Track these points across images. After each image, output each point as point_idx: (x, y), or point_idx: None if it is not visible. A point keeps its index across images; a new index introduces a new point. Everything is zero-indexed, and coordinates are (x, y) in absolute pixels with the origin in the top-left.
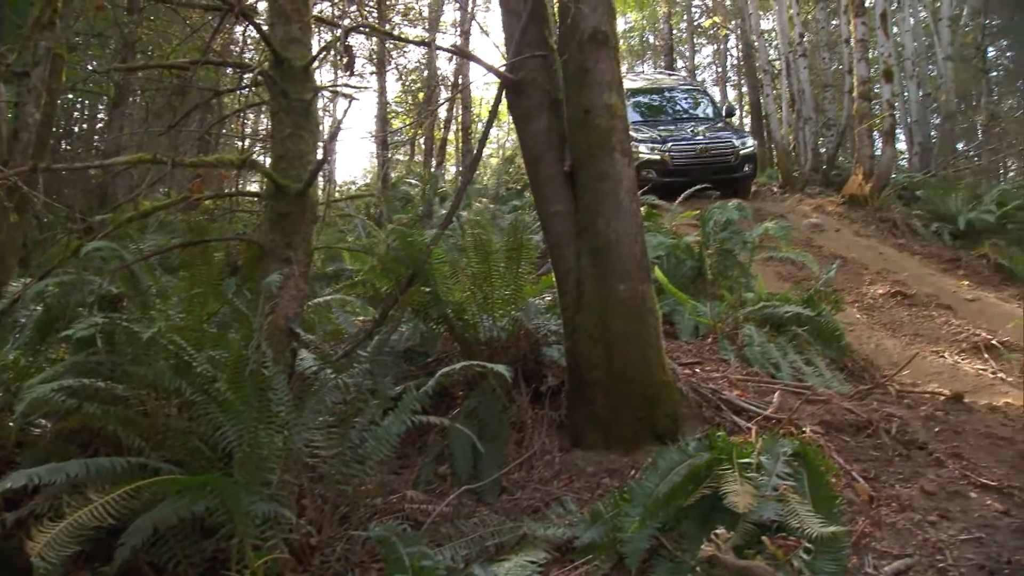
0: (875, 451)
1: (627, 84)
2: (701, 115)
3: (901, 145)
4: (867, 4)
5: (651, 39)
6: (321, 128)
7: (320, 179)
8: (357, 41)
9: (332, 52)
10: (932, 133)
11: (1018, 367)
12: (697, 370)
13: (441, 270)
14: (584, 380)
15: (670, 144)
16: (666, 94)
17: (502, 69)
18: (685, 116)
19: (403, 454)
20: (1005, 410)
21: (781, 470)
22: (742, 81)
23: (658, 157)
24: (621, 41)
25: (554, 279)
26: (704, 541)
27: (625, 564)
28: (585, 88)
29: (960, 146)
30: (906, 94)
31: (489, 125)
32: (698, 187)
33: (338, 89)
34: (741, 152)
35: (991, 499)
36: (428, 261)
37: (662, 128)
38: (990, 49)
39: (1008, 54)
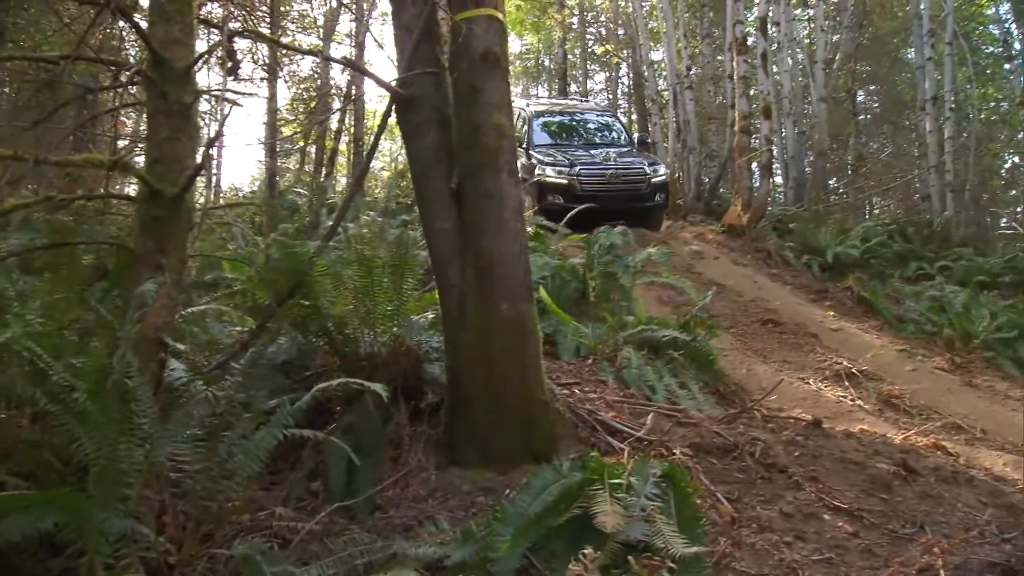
0: (740, 473)
1: (536, 106)
2: (612, 141)
3: (778, 179)
4: (750, 43)
5: (546, 62)
6: (205, 132)
7: (200, 185)
8: (247, 46)
9: (216, 55)
10: (806, 169)
11: (874, 395)
12: (576, 391)
13: (323, 283)
14: (464, 398)
15: (579, 168)
16: (577, 117)
17: (393, 84)
18: (596, 141)
19: (275, 470)
20: (860, 436)
21: (650, 491)
22: (632, 109)
23: (565, 182)
24: (518, 63)
25: (438, 296)
26: (572, 561)
27: None
28: (475, 107)
29: (831, 183)
30: (783, 131)
31: (377, 138)
32: (607, 220)
33: (221, 94)
34: (653, 180)
35: (843, 521)
36: (310, 273)
37: (571, 152)
38: (860, 93)
39: (875, 100)
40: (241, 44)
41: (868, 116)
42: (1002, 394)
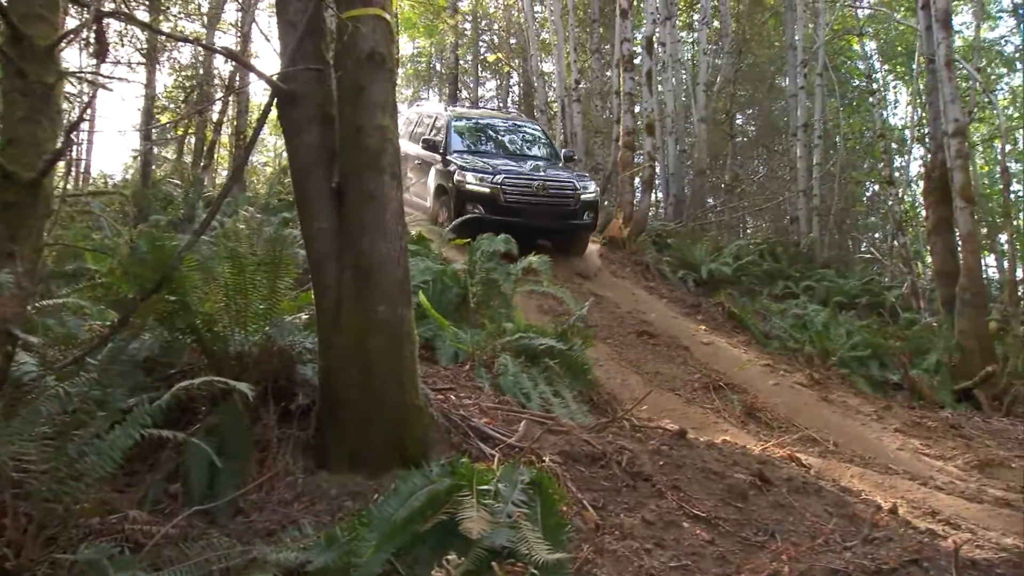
0: (606, 481)
1: (456, 111)
2: (537, 153)
3: (659, 195)
4: (636, 61)
5: (438, 66)
6: (74, 116)
7: (62, 170)
8: (121, 28)
9: (84, 36)
10: (685, 187)
11: (739, 407)
12: (451, 396)
13: (192, 278)
14: (336, 401)
15: (502, 177)
16: (500, 127)
17: (275, 78)
18: (521, 153)
19: (132, 471)
20: (721, 447)
21: (517, 497)
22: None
23: (487, 190)
24: (409, 65)
25: (314, 296)
26: (436, 567)
27: None
28: (359, 107)
29: (709, 201)
30: (666, 148)
31: (257, 132)
32: (530, 237)
33: (93, 77)
34: (582, 197)
35: (700, 529)
36: (178, 267)
37: (493, 161)
38: (738, 116)
39: (752, 123)
40: (117, 26)
41: (745, 139)
42: (854, 409)
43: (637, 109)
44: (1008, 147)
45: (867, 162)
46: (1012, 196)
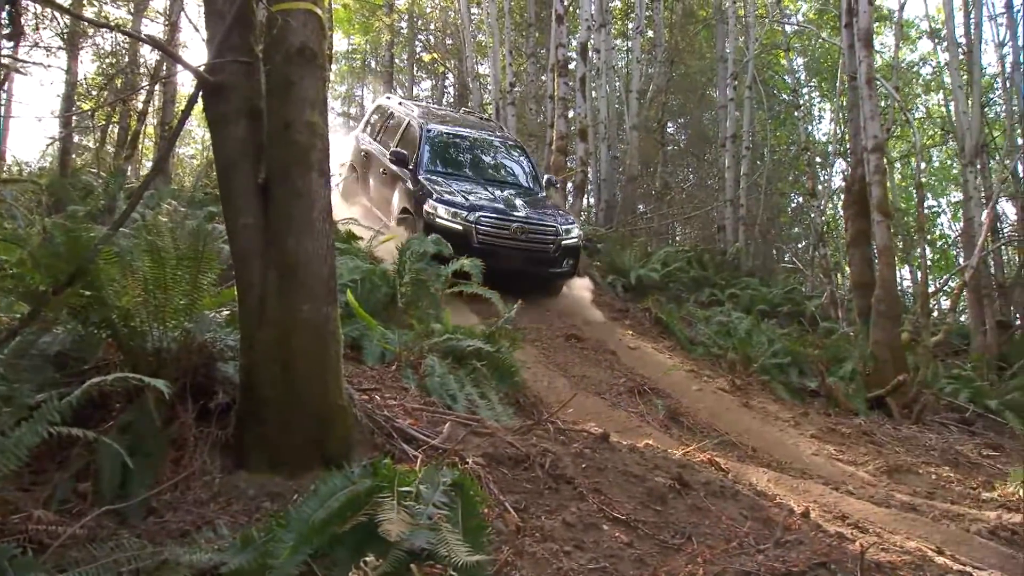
0: (528, 484)
1: (432, 119)
2: (518, 180)
3: (591, 200)
4: (571, 67)
5: (373, 64)
6: None
7: None
8: (42, 12)
9: None
10: (617, 193)
11: (663, 412)
12: (376, 397)
13: (109, 271)
14: (257, 399)
15: (478, 215)
16: (478, 141)
17: (201, 69)
18: (498, 177)
19: (40, 469)
20: (643, 450)
21: (438, 499)
22: None
23: (460, 228)
24: (344, 62)
25: (236, 293)
26: (354, 568)
27: None
28: (288, 102)
29: (639, 207)
30: (598, 154)
31: (181, 123)
32: (501, 278)
33: (1, 59)
34: (563, 243)
35: (620, 531)
36: (94, 260)
37: (468, 188)
38: (669, 125)
39: (683, 133)
40: (36, 9)
41: (675, 147)
42: (773, 415)
43: (571, 114)
44: (923, 164)
45: (792, 174)
46: (926, 211)
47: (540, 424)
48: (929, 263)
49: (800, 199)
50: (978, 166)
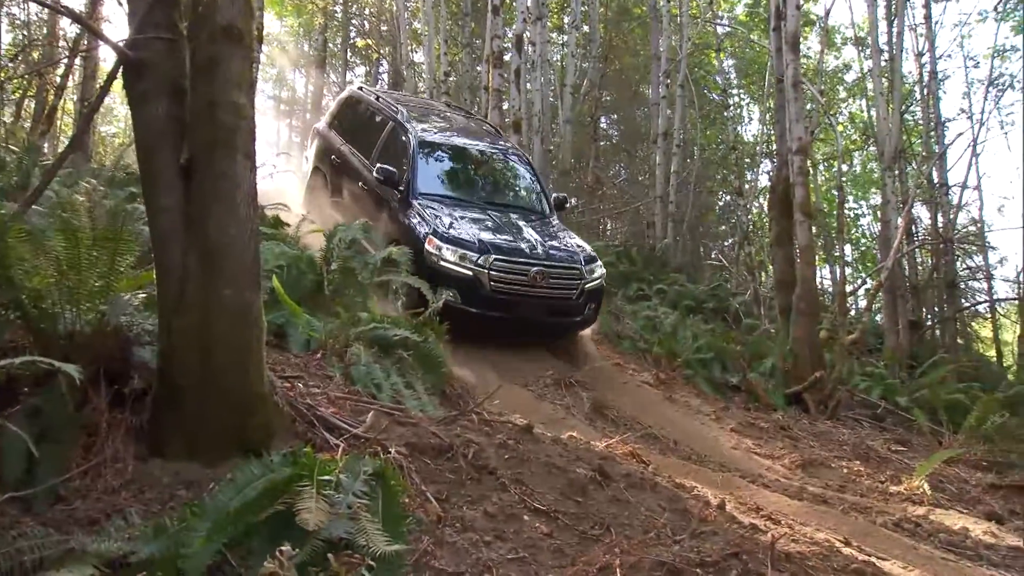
0: (451, 474)
1: (424, 126)
2: (526, 202)
3: None
4: (506, 59)
5: (306, 47)
6: None
7: None
8: None
9: None
10: (550, 186)
11: (588, 404)
12: (299, 385)
13: (19, 250)
14: (175, 385)
15: (492, 258)
16: (479, 155)
17: (122, 45)
18: (504, 201)
19: None
20: (567, 442)
21: (359, 489)
22: None
23: (469, 273)
24: (276, 44)
25: (155, 276)
26: (269, 558)
27: None
28: (213, 82)
29: (572, 201)
30: (532, 147)
31: (99, 99)
32: (512, 334)
33: None
34: (587, 286)
35: (540, 522)
36: (3, 238)
37: (473, 219)
38: (602, 120)
39: (615, 128)
40: None
41: (608, 143)
42: (695, 409)
43: (505, 106)
44: (845, 167)
45: (721, 173)
46: (849, 213)
47: (465, 415)
48: (851, 263)
49: (728, 198)
50: (896, 171)
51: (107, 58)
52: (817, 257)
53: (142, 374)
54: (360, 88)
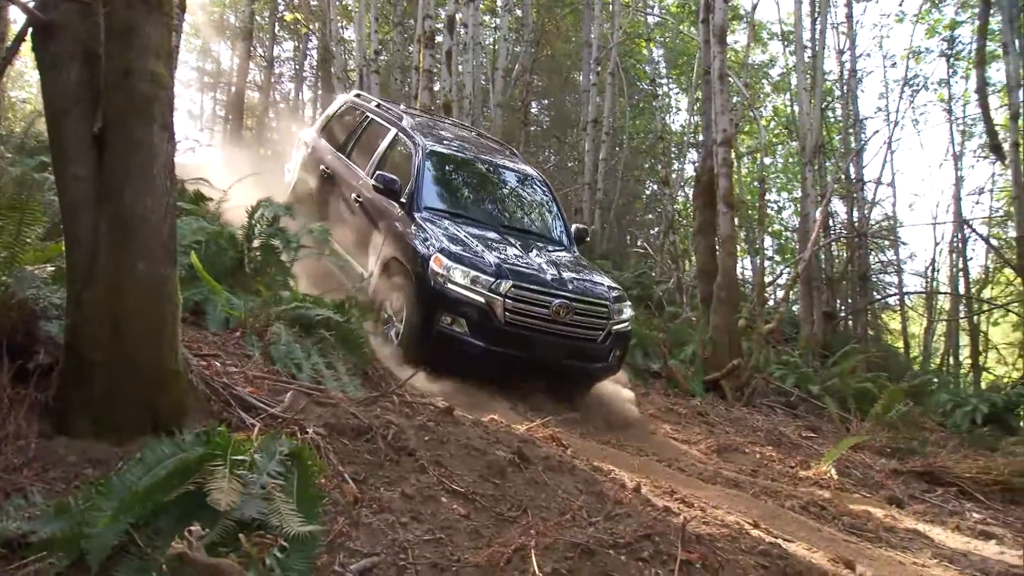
0: (370, 455)
1: (430, 135)
2: (544, 231)
3: None
4: (438, 39)
5: (232, 19)
6: None
7: None
8: None
9: None
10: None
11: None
12: (216, 363)
13: None
14: (83, 361)
15: (509, 284)
16: (489, 171)
17: (31, 5)
18: (519, 226)
19: None
20: (487, 425)
21: (274, 469)
22: (319, 84)
23: (481, 299)
24: (200, 14)
25: (64, 248)
26: (177, 537)
27: (86, 561)
28: (129, 49)
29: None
30: None
31: (6, 62)
32: (524, 375)
33: None
34: (615, 328)
35: (458, 504)
36: None
37: (485, 240)
38: (533, 105)
39: (546, 114)
40: None
41: (538, 128)
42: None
43: (436, 87)
44: (768, 160)
45: (648, 162)
46: (771, 205)
47: (386, 396)
48: (772, 255)
49: (655, 186)
50: (816, 166)
51: (16, 20)
52: (739, 248)
53: (48, 349)
54: (358, 95)
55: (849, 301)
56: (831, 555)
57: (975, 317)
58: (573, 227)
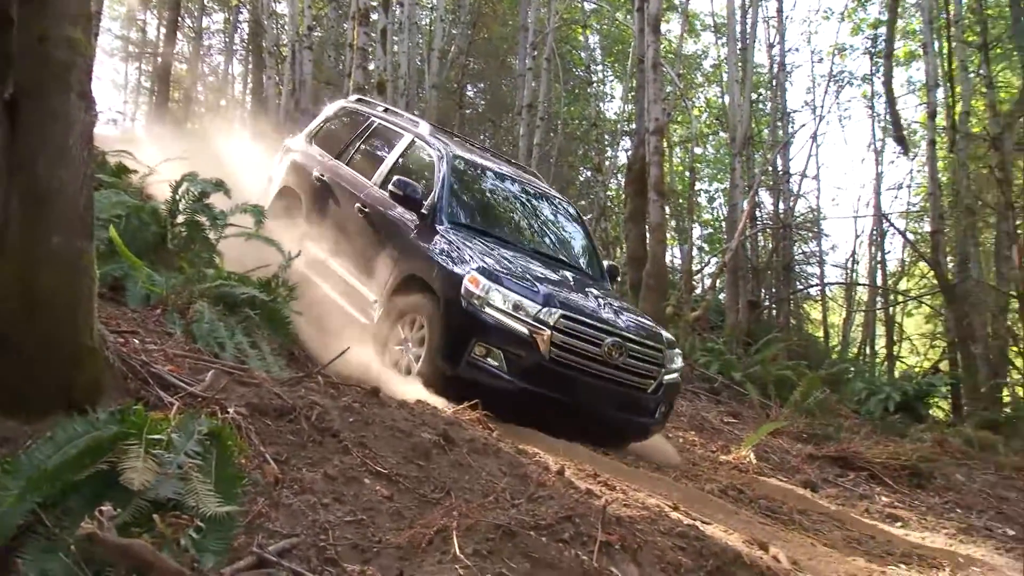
0: (292, 436)
1: (438, 134)
2: (577, 262)
3: None
4: (373, 17)
5: None
6: None
7: None
8: None
9: None
10: None
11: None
12: (134, 340)
13: None
14: None
15: (560, 315)
16: (520, 190)
17: None
18: (555, 255)
19: None
20: (413, 407)
21: (191, 448)
22: (249, 59)
23: (524, 331)
24: None
25: None
26: (87, 517)
27: None
28: (45, 13)
29: None
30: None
31: None
32: (559, 423)
33: None
34: (666, 378)
35: (380, 485)
36: None
37: (527, 266)
38: (469, 88)
39: (481, 97)
40: None
41: (473, 111)
42: None
43: (371, 67)
44: (699, 150)
45: (582, 148)
46: (702, 195)
47: (311, 377)
48: (702, 243)
49: (588, 173)
50: (744, 157)
51: None
52: (668, 236)
53: None
54: (359, 100)
55: (773, 290)
56: (746, 537)
57: (891, 308)
58: (605, 263)
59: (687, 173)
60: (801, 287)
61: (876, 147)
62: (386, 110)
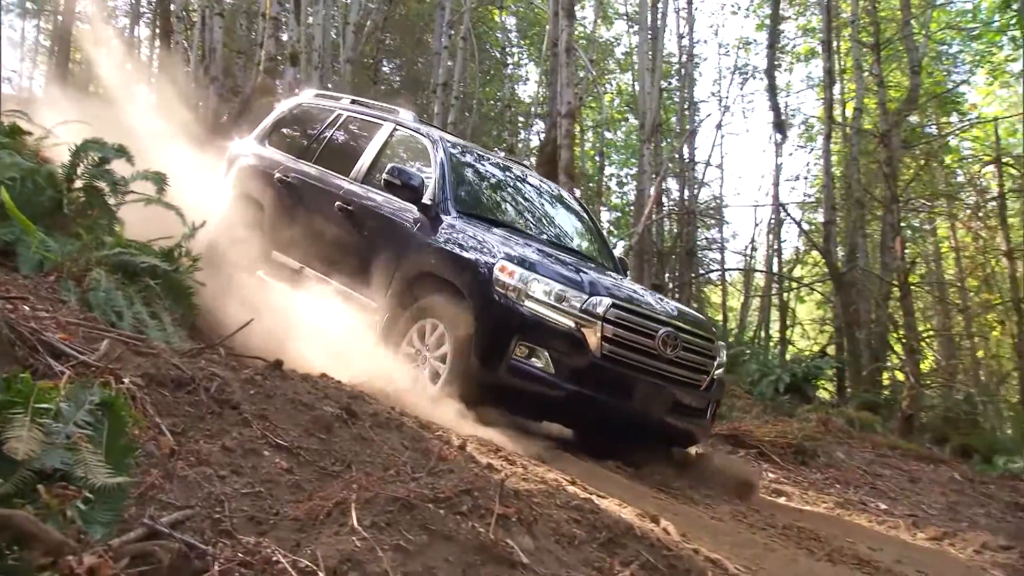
0: (191, 407)
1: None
2: (594, 255)
3: None
4: None
5: None
6: None
7: None
8: None
9: None
10: None
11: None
12: (24, 307)
13: None
14: None
15: (608, 304)
16: (522, 178)
17: None
18: (571, 246)
19: None
20: (317, 380)
21: (82, 418)
22: (156, 23)
23: (570, 324)
24: None
25: None
26: None
27: None
28: None
29: None
30: (311, 82)
31: None
32: (607, 431)
33: None
34: (717, 372)
35: (280, 458)
36: None
37: (553, 256)
38: (384, 64)
39: (397, 74)
40: None
41: (388, 87)
42: None
43: (285, 37)
44: (610, 135)
45: (496, 129)
46: (612, 180)
47: (212, 348)
48: (610, 227)
49: (501, 154)
50: (653, 144)
51: None
52: None
53: None
54: (318, 94)
55: (676, 274)
56: (639, 510)
57: (785, 294)
58: (617, 254)
59: (597, 157)
60: (703, 272)
61: (776, 139)
62: (353, 101)
